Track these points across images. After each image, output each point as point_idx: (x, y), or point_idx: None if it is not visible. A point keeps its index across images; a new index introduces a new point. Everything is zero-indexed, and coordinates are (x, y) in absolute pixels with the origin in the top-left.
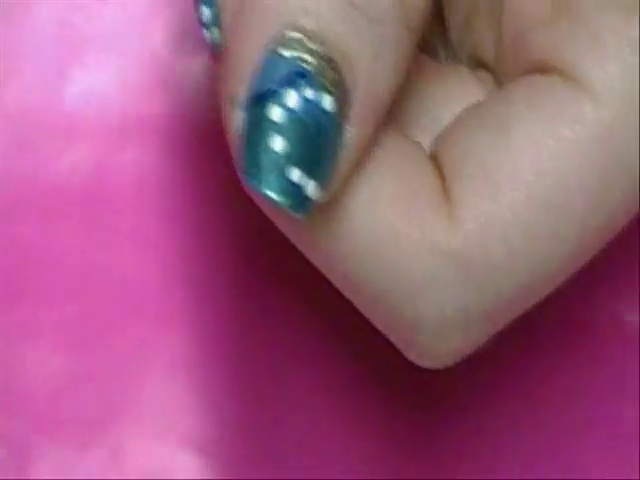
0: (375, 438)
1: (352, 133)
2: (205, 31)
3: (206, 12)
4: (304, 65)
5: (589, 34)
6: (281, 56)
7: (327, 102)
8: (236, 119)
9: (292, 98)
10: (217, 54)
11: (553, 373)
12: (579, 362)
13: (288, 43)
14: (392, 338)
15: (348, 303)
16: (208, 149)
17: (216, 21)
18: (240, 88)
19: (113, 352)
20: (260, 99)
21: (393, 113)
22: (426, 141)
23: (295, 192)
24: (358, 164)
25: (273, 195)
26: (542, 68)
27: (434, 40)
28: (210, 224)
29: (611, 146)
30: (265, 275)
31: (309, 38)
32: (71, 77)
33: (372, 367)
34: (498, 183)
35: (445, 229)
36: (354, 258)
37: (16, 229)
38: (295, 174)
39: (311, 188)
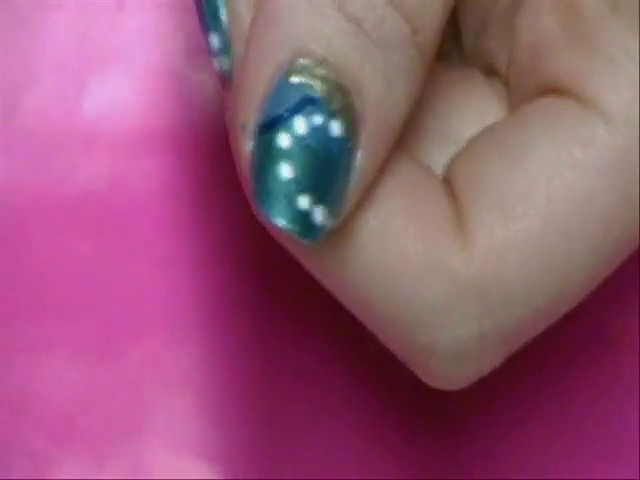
0: (386, 448)
1: (362, 159)
2: (214, 60)
3: (215, 41)
4: (313, 91)
5: (604, 58)
6: (291, 83)
7: (336, 128)
8: (246, 146)
9: (300, 125)
10: (226, 82)
11: (553, 373)
12: (579, 363)
13: (298, 69)
14: (406, 362)
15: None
16: (224, 162)
17: (226, 49)
18: (250, 116)
19: (128, 366)
20: (269, 126)
21: (406, 135)
22: (442, 160)
23: (304, 219)
24: (368, 191)
25: (282, 222)
26: (556, 90)
27: (447, 41)
28: (223, 236)
29: (626, 170)
30: (277, 287)
31: (319, 64)
32: (89, 89)
33: (383, 377)
34: (513, 210)
35: (460, 258)
36: (365, 286)
37: (32, 240)
38: (304, 201)
39: (320, 215)
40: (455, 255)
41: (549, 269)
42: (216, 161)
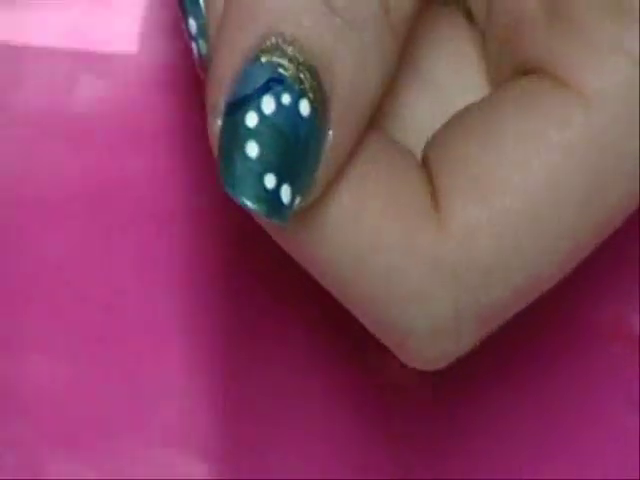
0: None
1: (333, 139)
2: (193, 44)
3: (193, 24)
4: (282, 71)
5: (583, 39)
6: (260, 62)
7: (304, 108)
8: (215, 126)
9: (268, 104)
10: (205, 67)
11: (553, 374)
12: (579, 363)
13: (267, 49)
14: (383, 341)
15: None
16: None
17: (203, 33)
18: (220, 95)
19: (123, 363)
20: (238, 106)
21: (383, 114)
22: (423, 138)
23: (271, 198)
24: (341, 171)
25: (248, 201)
26: (535, 70)
27: None
28: (213, 229)
29: (602, 150)
30: (267, 284)
31: (288, 44)
32: (80, 83)
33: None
34: (487, 189)
35: (435, 239)
36: (339, 266)
37: (23, 235)
38: (270, 180)
39: (287, 194)
40: (429, 235)
41: (523, 250)
42: (209, 152)
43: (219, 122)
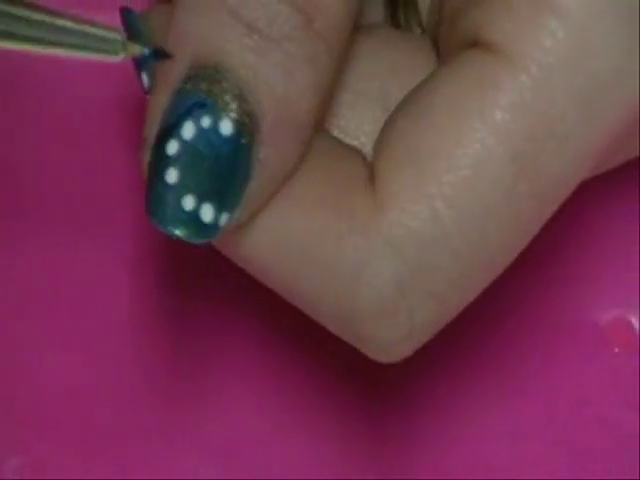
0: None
1: (266, 154)
2: (141, 76)
3: (146, 80)
4: (204, 95)
5: (507, 7)
6: (186, 92)
7: (225, 128)
8: (144, 160)
9: (188, 129)
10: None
11: (553, 374)
12: (579, 363)
13: (192, 77)
14: (341, 334)
15: None
16: None
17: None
18: (151, 130)
19: (125, 364)
20: (162, 136)
21: (334, 115)
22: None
23: (190, 220)
24: (279, 184)
25: (169, 227)
26: (476, 43)
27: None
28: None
29: (531, 111)
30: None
31: (212, 69)
32: (69, 81)
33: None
34: (420, 157)
35: (371, 214)
36: (284, 263)
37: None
38: (189, 202)
39: (209, 214)
40: (366, 213)
41: (460, 216)
42: None
43: (147, 155)
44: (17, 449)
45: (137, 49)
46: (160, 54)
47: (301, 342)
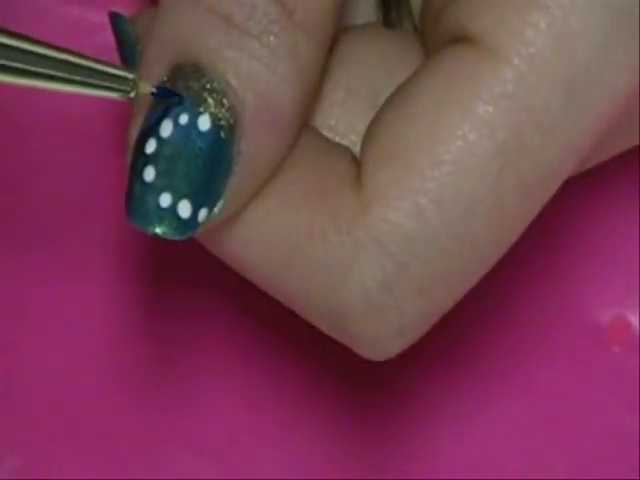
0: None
1: (246, 147)
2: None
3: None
4: (182, 93)
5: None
6: (165, 91)
7: (203, 123)
8: (126, 162)
9: (166, 127)
10: None
11: (554, 375)
12: (580, 363)
13: (173, 77)
14: (331, 332)
15: None
16: None
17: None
18: (133, 132)
19: (125, 365)
20: (141, 138)
21: (324, 114)
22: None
23: (167, 217)
24: (262, 179)
25: (147, 226)
26: (461, 38)
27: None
28: None
29: (515, 103)
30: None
31: (191, 67)
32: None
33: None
34: (404, 153)
35: (356, 211)
36: (270, 260)
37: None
38: (165, 199)
39: (186, 210)
40: (352, 210)
41: (445, 206)
42: None
43: (129, 157)
44: (15, 449)
45: (147, 88)
46: (167, 93)
47: (297, 343)
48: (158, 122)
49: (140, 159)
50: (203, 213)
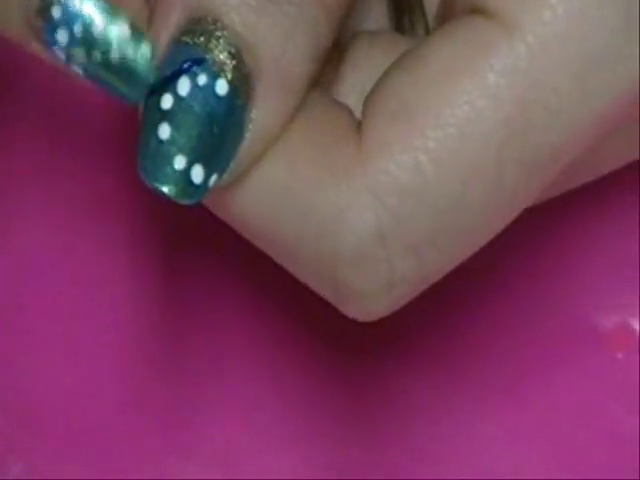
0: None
1: (258, 118)
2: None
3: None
4: (201, 52)
5: None
6: (182, 44)
7: (221, 87)
8: (140, 109)
9: (184, 85)
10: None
11: (554, 376)
12: (580, 365)
13: (190, 31)
14: (319, 285)
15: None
16: None
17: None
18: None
19: (125, 366)
20: (157, 89)
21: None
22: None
23: (180, 180)
24: (269, 145)
25: (158, 185)
26: (476, 10)
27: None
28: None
29: (525, 79)
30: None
31: (211, 24)
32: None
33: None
34: (410, 111)
35: (354, 162)
36: (267, 208)
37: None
38: (180, 162)
39: (199, 175)
40: (351, 159)
41: (445, 168)
42: None
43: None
44: (16, 452)
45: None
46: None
47: (297, 345)
48: (175, 77)
49: (155, 113)
50: (213, 179)
